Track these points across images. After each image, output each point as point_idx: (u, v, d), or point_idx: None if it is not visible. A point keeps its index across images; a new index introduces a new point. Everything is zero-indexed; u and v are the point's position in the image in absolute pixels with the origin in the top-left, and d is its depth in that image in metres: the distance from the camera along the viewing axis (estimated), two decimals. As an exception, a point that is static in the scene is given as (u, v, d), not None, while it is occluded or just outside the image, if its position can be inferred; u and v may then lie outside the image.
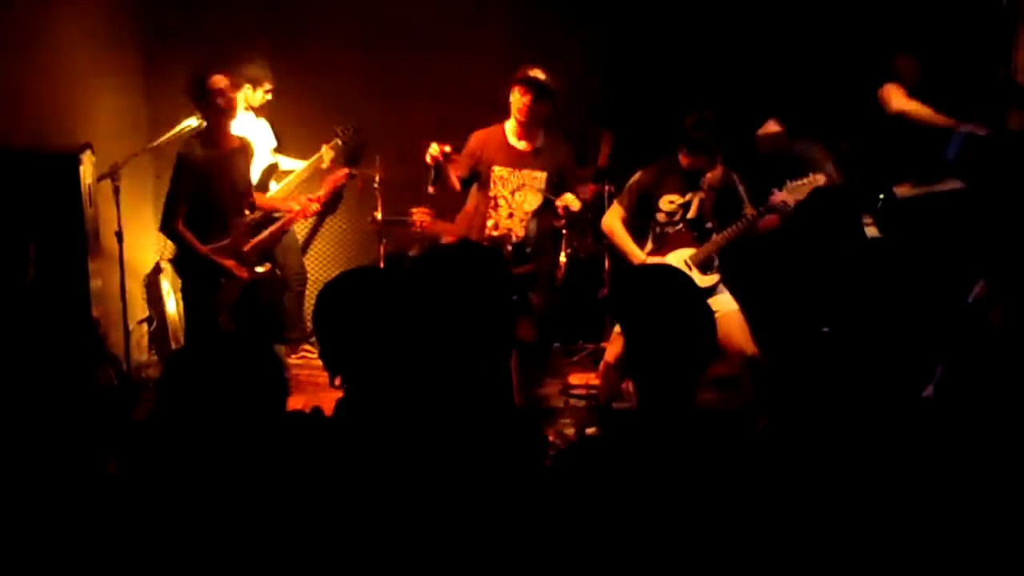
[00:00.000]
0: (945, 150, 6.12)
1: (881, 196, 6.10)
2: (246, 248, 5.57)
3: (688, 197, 5.31)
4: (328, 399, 2.52)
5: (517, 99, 5.26)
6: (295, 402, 2.57)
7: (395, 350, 2.46)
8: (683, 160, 5.28)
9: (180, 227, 5.35)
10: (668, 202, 5.31)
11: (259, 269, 5.63)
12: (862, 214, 6.09)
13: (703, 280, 5.21)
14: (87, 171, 5.52)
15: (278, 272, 6.01)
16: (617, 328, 5.44)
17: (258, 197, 5.86)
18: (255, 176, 6.01)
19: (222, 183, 5.38)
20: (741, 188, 5.36)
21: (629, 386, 6.01)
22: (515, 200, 5.38)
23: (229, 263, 5.45)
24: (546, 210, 5.41)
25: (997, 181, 5.46)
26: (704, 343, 2.40)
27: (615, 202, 5.52)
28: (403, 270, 6.01)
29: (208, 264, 5.41)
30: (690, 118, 5.21)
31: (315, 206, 5.98)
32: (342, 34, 7.16)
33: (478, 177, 5.43)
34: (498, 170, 5.37)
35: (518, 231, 5.39)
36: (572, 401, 6.24)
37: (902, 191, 5.89)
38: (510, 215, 5.40)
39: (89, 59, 6.28)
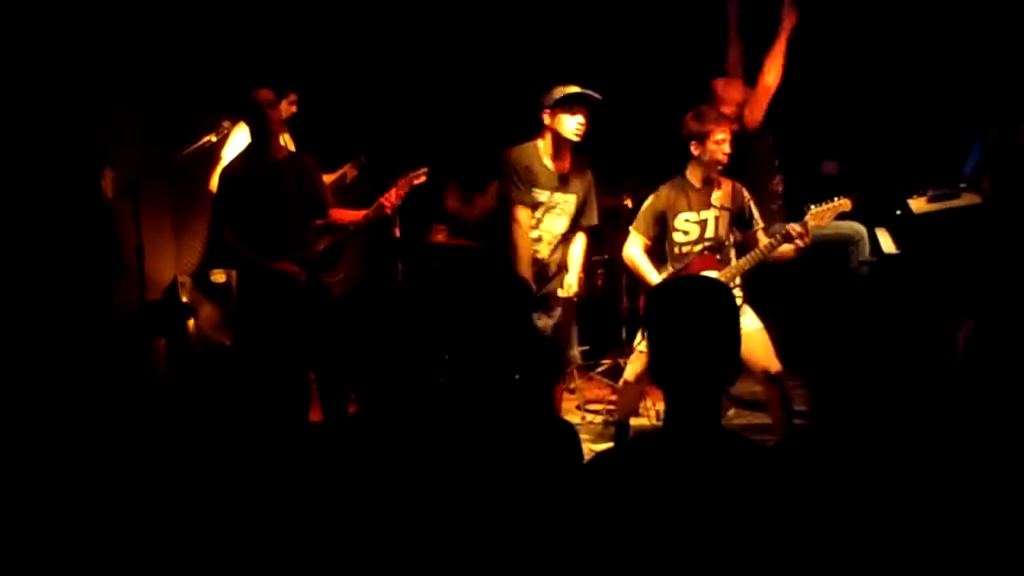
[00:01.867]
0: (963, 165, 6.12)
1: (898, 212, 6.09)
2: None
3: (704, 215, 5.26)
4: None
5: (568, 120, 5.08)
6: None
7: (401, 366, 2.47)
8: (691, 174, 5.26)
9: (226, 233, 5.37)
10: (684, 220, 5.25)
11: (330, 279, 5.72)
12: (878, 229, 6.09)
13: None
14: (107, 186, 5.57)
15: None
16: (637, 346, 5.42)
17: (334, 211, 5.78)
18: None
19: (271, 193, 5.33)
20: (751, 203, 5.30)
21: (647, 403, 6.03)
22: (545, 222, 5.29)
23: (283, 265, 5.35)
24: (571, 235, 5.35)
25: (1013, 198, 5.45)
26: (734, 353, 2.41)
27: (632, 231, 5.40)
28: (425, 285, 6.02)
29: (260, 270, 5.36)
30: (689, 115, 5.20)
31: (386, 205, 5.89)
32: (366, 48, 7.22)
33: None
34: (536, 192, 5.23)
35: (543, 253, 5.31)
36: (589, 417, 6.25)
37: (919, 206, 5.89)
38: (539, 238, 5.30)
39: (109, 73, 6.33)
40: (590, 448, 5.63)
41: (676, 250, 5.30)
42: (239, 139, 6.33)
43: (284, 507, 2.27)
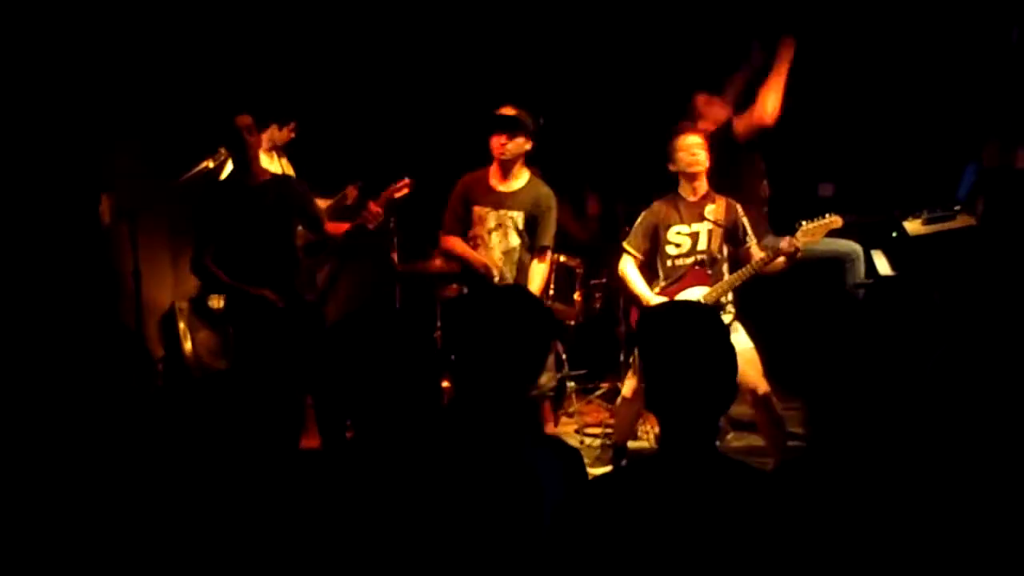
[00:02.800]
0: (957, 188, 6.15)
1: (894, 233, 6.11)
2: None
3: (696, 228, 5.31)
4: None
5: (493, 140, 5.32)
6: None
7: (398, 392, 2.47)
8: (683, 190, 5.32)
9: (206, 261, 5.33)
10: (676, 233, 5.32)
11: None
12: (873, 251, 6.11)
13: None
14: (105, 211, 5.58)
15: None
16: (634, 363, 5.44)
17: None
18: None
19: (248, 219, 5.30)
20: (744, 220, 5.35)
21: (645, 426, 6.03)
22: (492, 240, 5.40)
23: (262, 291, 5.30)
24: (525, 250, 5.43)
25: (1006, 220, 5.47)
26: (729, 380, 2.41)
27: (624, 247, 5.46)
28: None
29: (241, 296, 5.34)
30: (676, 128, 5.31)
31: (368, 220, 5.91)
32: (364, 72, 7.26)
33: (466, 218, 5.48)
34: (478, 210, 5.41)
35: (504, 270, 5.41)
36: (587, 440, 6.25)
37: (914, 228, 5.90)
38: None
39: (109, 100, 6.36)
40: (589, 472, 5.63)
41: (668, 263, 5.35)
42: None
43: (275, 533, 2.27)
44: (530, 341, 2.62)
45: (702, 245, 5.29)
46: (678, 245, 5.32)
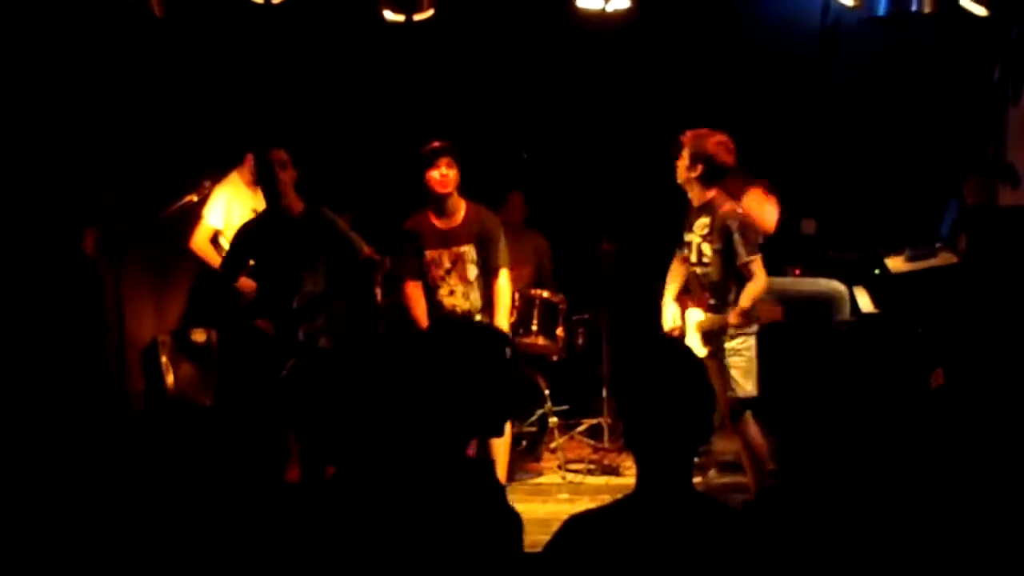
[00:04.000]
0: (939, 225, 6.19)
1: (876, 271, 6.15)
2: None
3: (688, 238, 5.22)
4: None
5: (438, 174, 5.30)
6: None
7: (376, 429, 2.47)
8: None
9: (222, 291, 5.53)
10: (685, 240, 5.25)
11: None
12: (856, 288, 6.15)
13: (700, 350, 5.06)
14: (89, 245, 5.56)
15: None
16: None
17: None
18: None
19: (279, 249, 5.32)
20: (737, 237, 5.00)
21: (627, 461, 6.01)
22: (451, 280, 5.44)
23: (260, 322, 5.37)
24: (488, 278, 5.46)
25: (988, 257, 5.50)
26: (705, 418, 2.39)
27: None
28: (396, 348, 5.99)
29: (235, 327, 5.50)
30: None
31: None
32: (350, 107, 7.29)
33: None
34: (430, 253, 5.43)
35: (462, 305, 5.44)
36: (569, 476, 6.22)
37: (896, 265, 5.93)
38: (451, 292, 5.45)
39: (92, 134, 6.35)
40: (569, 508, 5.62)
41: (688, 267, 5.30)
42: (220, 199, 6.36)
43: (255, 568, 2.26)
44: (482, 378, 2.59)
45: (693, 257, 5.19)
46: (687, 253, 5.25)
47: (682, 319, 5.28)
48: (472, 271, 5.43)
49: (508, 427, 5.53)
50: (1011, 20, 5.90)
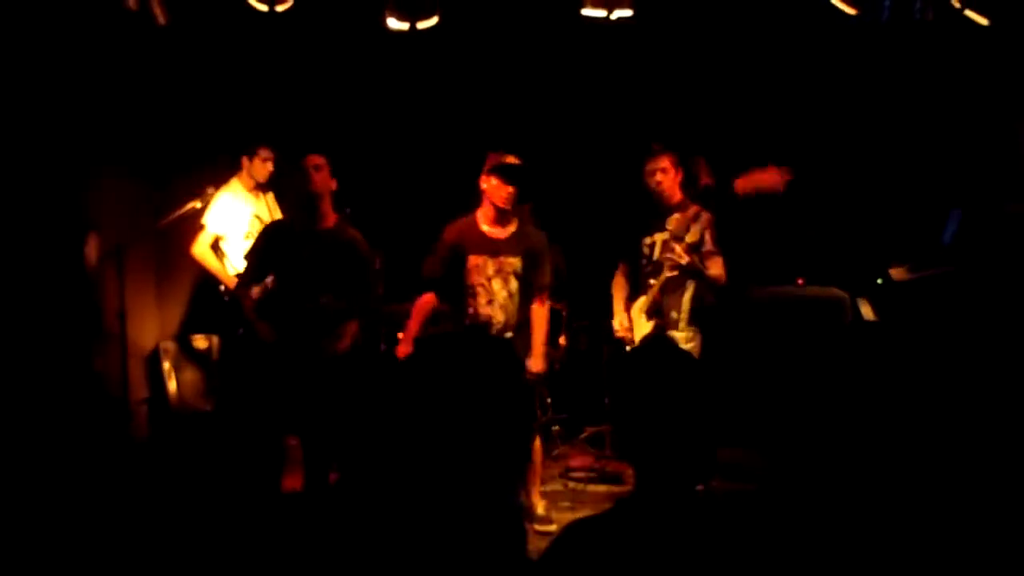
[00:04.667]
0: (942, 233, 6.17)
1: (878, 280, 6.14)
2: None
3: (655, 237, 5.45)
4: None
5: (497, 188, 5.24)
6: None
7: (383, 436, 2.46)
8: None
9: (240, 290, 5.39)
10: (645, 245, 5.49)
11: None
12: (858, 298, 6.14)
13: (645, 327, 5.42)
14: (91, 251, 5.55)
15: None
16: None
17: None
18: None
19: (304, 261, 5.27)
20: (708, 233, 5.37)
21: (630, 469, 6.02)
22: (492, 287, 5.37)
23: (260, 325, 5.29)
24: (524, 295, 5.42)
25: (994, 264, 5.49)
26: (705, 424, 2.36)
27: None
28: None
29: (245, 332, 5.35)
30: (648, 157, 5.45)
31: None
32: (346, 114, 7.29)
33: (455, 268, 5.41)
34: (474, 259, 5.34)
35: (497, 317, 5.35)
36: (571, 484, 6.23)
37: (898, 274, 5.93)
38: (489, 301, 5.36)
39: (95, 140, 6.36)
40: (571, 516, 5.62)
41: (641, 275, 5.52)
42: (222, 204, 6.38)
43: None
44: (490, 389, 2.57)
45: (656, 254, 5.43)
46: (647, 257, 5.49)
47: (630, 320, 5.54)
48: (514, 283, 5.37)
49: (538, 446, 5.55)
50: (1013, 29, 5.89)
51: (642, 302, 5.44)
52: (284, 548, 2.32)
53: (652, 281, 5.39)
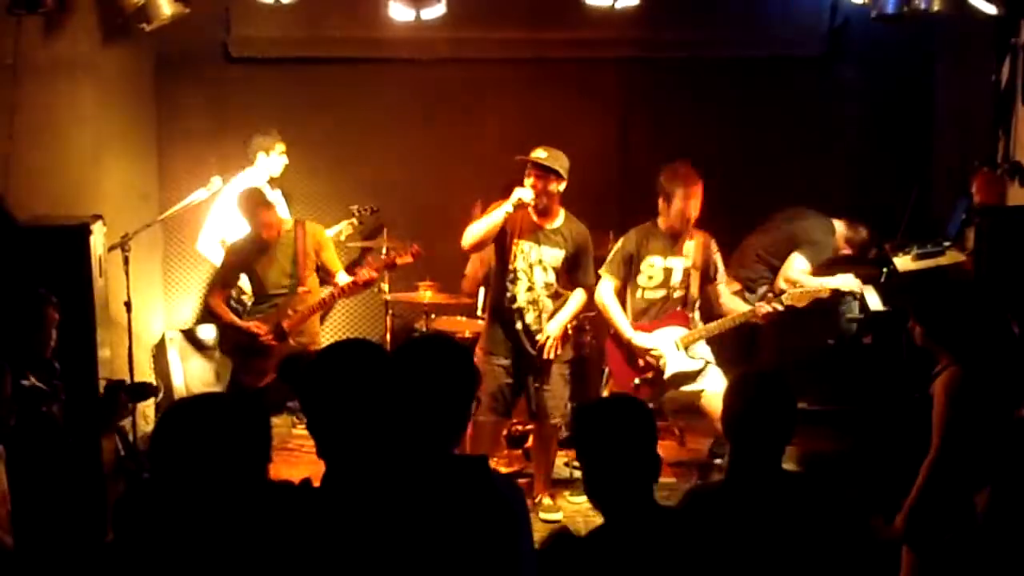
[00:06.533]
0: (947, 223, 6.15)
1: (884, 269, 6.12)
2: (287, 324, 5.95)
3: (671, 262, 5.41)
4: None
5: (529, 181, 5.26)
6: (296, 472, 2.56)
7: (372, 426, 2.46)
8: (662, 223, 5.42)
9: (213, 301, 6.07)
10: (649, 264, 5.42)
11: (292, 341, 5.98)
12: (865, 287, 6.14)
13: (691, 364, 5.40)
14: (98, 241, 5.53)
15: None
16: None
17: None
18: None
19: (265, 261, 5.96)
20: (716, 256, 5.48)
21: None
22: (533, 275, 5.37)
23: (251, 326, 5.91)
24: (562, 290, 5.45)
25: (997, 256, 5.45)
26: (654, 462, 2.65)
27: (604, 273, 5.53)
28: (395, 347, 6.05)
29: (238, 335, 5.95)
30: (663, 172, 5.38)
31: (373, 273, 6.11)
32: (355, 111, 7.29)
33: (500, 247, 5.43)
34: (521, 243, 5.35)
35: (535, 303, 5.37)
36: (576, 473, 6.21)
37: (904, 264, 5.91)
38: (529, 288, 5.37)
39: (102, 131, 6.36)
40: (577, 504, 5.63)
41: (638, 294, 5.47)
42: (228, 195, 6.38)
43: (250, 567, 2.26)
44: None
45: (675, 280, 5.41)
46: (651, 277, 5.43)
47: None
48: (551, 275, 5.37)
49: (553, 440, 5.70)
50: (1020, 18, 5.86)
51: (680, 335, 5.44)
52: (273, 537, 2.32)
53: (709, 324, 5.44)
